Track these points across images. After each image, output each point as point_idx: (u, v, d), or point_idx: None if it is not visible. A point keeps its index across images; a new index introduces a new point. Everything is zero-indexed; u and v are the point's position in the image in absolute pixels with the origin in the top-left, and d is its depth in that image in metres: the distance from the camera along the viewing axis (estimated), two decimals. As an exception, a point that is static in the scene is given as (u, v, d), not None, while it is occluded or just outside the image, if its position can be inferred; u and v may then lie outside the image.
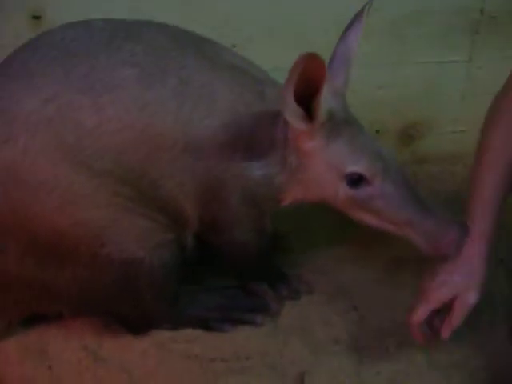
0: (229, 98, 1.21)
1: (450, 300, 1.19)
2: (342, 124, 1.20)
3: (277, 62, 1.58)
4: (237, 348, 1.31)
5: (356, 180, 1.19)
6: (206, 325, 1.35)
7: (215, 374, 1.26)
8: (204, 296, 1.39)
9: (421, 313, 1.21)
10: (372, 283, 1.46)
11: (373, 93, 1.76)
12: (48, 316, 1.33)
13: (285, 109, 1.12)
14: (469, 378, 1.26)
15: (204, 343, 1.32)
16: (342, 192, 1.21)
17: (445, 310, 1.21)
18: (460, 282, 1.19)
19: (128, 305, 1.29)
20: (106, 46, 1.16)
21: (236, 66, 1.26)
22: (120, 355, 1.30)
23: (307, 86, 1.07)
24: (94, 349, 1.31)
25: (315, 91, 1.09)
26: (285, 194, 1.27)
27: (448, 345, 1.30)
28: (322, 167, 1.21)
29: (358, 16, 1.26)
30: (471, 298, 1.19)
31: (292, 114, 1.12)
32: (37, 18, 1.46)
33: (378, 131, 1.84)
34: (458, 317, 1.20)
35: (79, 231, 1.16)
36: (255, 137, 1.22)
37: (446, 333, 1.21)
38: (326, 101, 1.13)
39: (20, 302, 1.26)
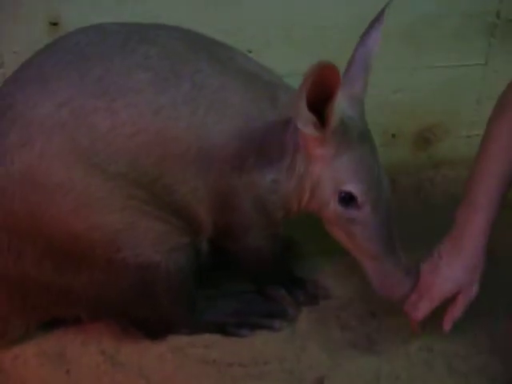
0: (241, 104, 1.21)
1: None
2: (355, 138, 1.19)
3: (293, 66, 1.58)
4: (255, 353, 1.31)
5: (347, 199, 1.20)
6: (223, 330, 1.35)
7: (233, 378, 1.26)
8: (221, 301, 1.39)
9: (425, 310, 1.23)
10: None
11: (389, 97, 1.75)
12: (66, 320, 1.33)
13: (297, 116, 1.11)
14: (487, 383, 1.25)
15: (222, 348, 1.32)
16: (331, 205, 1.22)
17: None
18: (464, 277, 1.21)
19: (145, 309, 1.29)
20: (120, 49, 1.17)
21: (249, 71, 1.26)
22: (138, 360, 1.30)
23: (321, 92, 1.06)
24: (111, 353, 1.32)
25: (329, 98, 1.08)
26: (291, 202, 1.27)
27: (467, 351, 1.31)
28: (325, 175, 1.21)
29: (376, 20, 1.24)
30: (474, 291, 1.22)
31: (304, 121, 1.12)
32: (54, 24, 1.47)
33: (393, 135, 1.83)
34: (460, 310, 1.23)
35: (94, 235, 1.16)
36: (266, 142, 1.22)
37: (448, 325, 1.25)
38: (339, 108, 1.13)
39: (38, 306, 1.27)
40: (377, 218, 1.20)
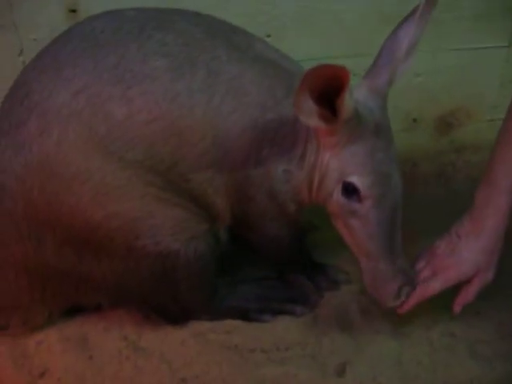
0: (258, 93, 1.20)
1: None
2: (369, 130, 1.15)
3: (312, 51, 1.58)
4: (276, 338, 1.31)
5: (350, 191, 1.16)
6: (245, 315, 1.35)
7: (255, 364, 1.26)
8: (242, 287, 1.39)
9: (436, 289, 1.21)
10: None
11: (410, 80, 1.73)
12: (88, 307, 1.34)
13: (298, 111, 1.08)
14: (512, 369, 1.24)
15: (243, 334, 1.32)
16: (335, 195, 1.19)
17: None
18: (482, 261, 1.19)
19: (166, 297, 1.30)
20: (136, 35, 1.16)
21: (267, 59, 1.25)
22: (160, 345, 1.31)
23: (331, 85, 1.03)
24: (133, 339, 1.32)
25: (339, 91, 1.04)
26: (302, 193, 1.25)
27: (490, 336, 1.29)
28: (333, 164, 1.18)
29: (410, 14, 1.19)
30: (491, 275, 1.21)
31: (307, 114, 1.09)
32: (73, 11, 1.47)
33: (415, 120, 1.81)
34: (474, 294, 1.22)
35: (113, 223, 1.17)
36: (280, 132, 1.21)
37: (458, 308, 1.24)
38: (353, 99, 1.10)
39: (58, 294, 1.28)
40: (378, 215, 1.16)
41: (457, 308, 1.24)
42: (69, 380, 1.25)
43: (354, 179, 1.15)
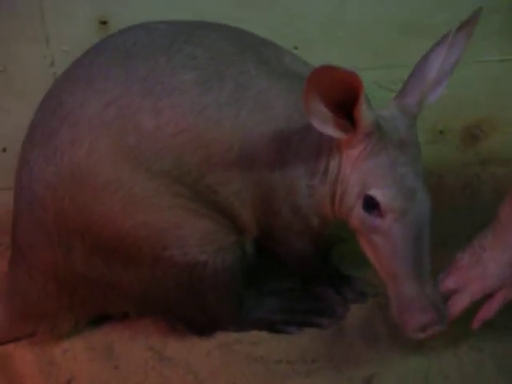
0: (284, 107, 1.20)
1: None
2: (393, 144, 1.13)
3: (339, 63, 1.58)
4: (302, 350, 1.30)
5: (370, 204, 1.13)
6: (271, 327, 1.35)
7: (281, 376, 1.26)
8: (269, 298, 1.39)
9: (466, 305, 1.19)
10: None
11: (437, 92, 1.73)
12: (113, 316, 1.35)
13: (310, 117, 1.08)
14: (540, 386, 1.23)
15: (269, 345, 1.32)
16: (356, 209, 1.16)
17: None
18: (507, 275, 1.17)
19: (193, 307, 1.30)
20: (166, 48, 1.18)
21: (296, 72, 1.25)
22: (185, 356, 1.31)
23: (345, 93, 1.02)
24: (159, 349, 1.33)
25: (355, 101, 1.04)
26: (325, 208, 1.24)
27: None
28: (354, 178, 1.15)
29: (443, 38, 1.17)
30: None
31: (322, 124, 1.08)
32: (103, 23, 1.48)
33: (441, 131, 1.80)
34: (495, 309, 1.20)
35: (141, 233, 1.17)
36: (304, 145, 1.20)
37: (478, 324, 1.22)
38: (372, 111, 1.10)
39: (87, 302, 1.28)
40: (401, 231, 1.12)
41: (476, 324, 1.22)
42: (95, 389, 1.26)
43: (375, 192, 1.12)
